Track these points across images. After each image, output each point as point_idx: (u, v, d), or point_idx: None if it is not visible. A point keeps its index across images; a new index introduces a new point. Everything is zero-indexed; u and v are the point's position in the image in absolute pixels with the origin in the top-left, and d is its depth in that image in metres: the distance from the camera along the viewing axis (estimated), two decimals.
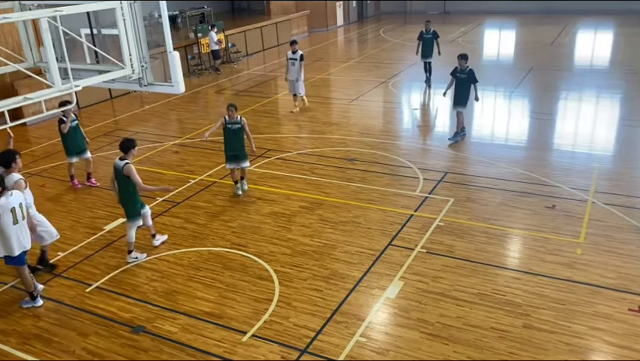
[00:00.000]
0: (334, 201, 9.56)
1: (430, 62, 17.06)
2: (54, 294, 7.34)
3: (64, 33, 5.45)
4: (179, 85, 5.96)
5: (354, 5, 33.99)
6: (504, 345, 6.00)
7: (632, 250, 7.66)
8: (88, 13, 6.24)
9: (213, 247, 8.33)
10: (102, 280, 7.60)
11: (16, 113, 9.78)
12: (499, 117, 14.57)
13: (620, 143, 12.10)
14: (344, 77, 19.47)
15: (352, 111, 15.24)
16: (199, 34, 20.45)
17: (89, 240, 8.68)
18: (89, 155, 10.62)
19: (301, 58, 14.61)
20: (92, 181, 10.76)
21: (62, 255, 8.28)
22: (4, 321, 6.84)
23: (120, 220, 9.19)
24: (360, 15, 34.98)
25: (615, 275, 7.11)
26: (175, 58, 5.81)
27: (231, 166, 9.77)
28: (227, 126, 9.46)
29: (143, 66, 6.11)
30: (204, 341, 6.29)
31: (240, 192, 9.92)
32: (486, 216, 8.78)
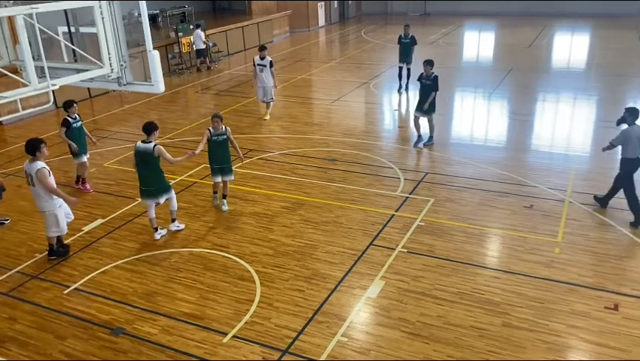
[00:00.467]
0: (316, 202, 9.56)
1: (409, 68, 16.36)
2: (31, 296, 7.21)
3: (41, 31, 5.36)
4: (159, 84, 5.89)
5: (335, 6, 34.07)
6: (483, 344, 6.06)
7: (608, 249, 7.81)
8: (66, 10, 6.15)
9: (194, 248, 8.27)
10: (81, 281, 7.49)
11: None
12: (478, 118, 14.73)
13: (597, 144, 12.29)
14: (326, 78, 19.50)
15: (333, 112, 15.26)
16: (179, 33, 20.29)
17: (67, 241, 8.53)
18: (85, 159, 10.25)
19: (271, 64, 13.86)
20: (86, 186, 10.35)
21: (39, 256, 8.14)
22: None
23: (99, 221, 9.09)
24: (341, 16, 35.07)
25: (592, 274, 7.24)
26: (155, 57, 5.75)
27: (217, 180, 9.26)
28: (213, 138, 8.97)
29: (122, 65, 6.03)
30: (184, 343, 6.24)
31: (225, 208, 9.39)
32: (466, 216, 8.87)
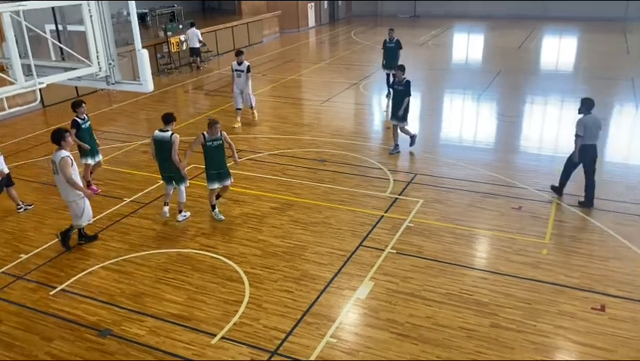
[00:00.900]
0: (305, 202, 9.55)
1: (394, 73, 15.53)
2: (16, 297, 7.12)
3: (28, 29, 5.30)
4: (148, 83, 5.84)
5: (325, 7, 34.08)
6: (471, 344, 6.08)
7: (594, 251, 7.88)
8: (53, 8, 6.08)
9: (182, 249, 8.22)
10: (67, 282, 7.41)
11: None
12: (467, 120, 14.81)
13: None
14: (315, 79, 19.50)
15: (323, 112, 15.27)
16: (168, 32, 20.20)
17: (53, 241, 8.45)
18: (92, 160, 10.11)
19: (248, 69, 13.40)
20: (92, 188, 10.18)
21: (24, 257, 8.05)
22: None
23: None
24: (331, 17, 35.09)
25: (579, 275, 7.30)
26: (144, 56, 5.70)
27: (214, 186, 8.84)
28: (208, 144, 8.56)
29: (110, 64, 5.97)
30: (172, 344, 6.20)
31: (222, 218, 9.03)
32: (455, 217, 8.90)
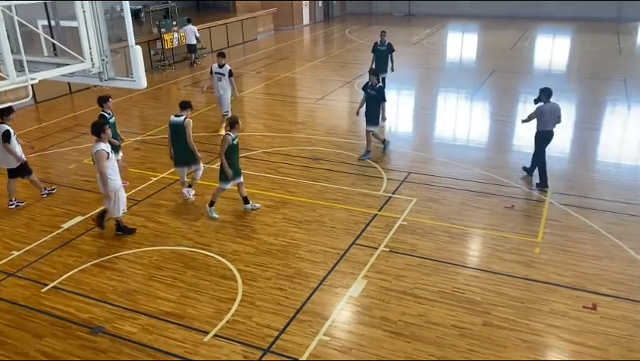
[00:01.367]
0: (299, 201, 9.54)
1: (384, 78, 14.60)
2: (8, 294, 7.07)
3: (20, 24, 5.25)
4: (141, 80, 5.81)
5: (320, 5, 34.05)
6: (464, 343, 6.10)
7: (586, 250, 7.92)
8: (46, 3, 6.03)
9: (175, 246, 8.20)
10: (59, 279, 7.37)
11: None
12: (461, 119, 14.84)
13: (576, 146, 12.50)
14: (310, 76, 19.48)
15: (317, 110, 15.25)
16: (162, 29, 20.12)
17: (45, 238, 8.40)
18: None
19: (230, 73, 12.52)
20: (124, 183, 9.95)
21: (16, 254, 7.99)
22: None
23: (79, 218, 8.97)
24: (326, 15, 35.06)
25: (571, 274, 7.34)
26: (137, 52, 5.66)
27: (228, 186, 8.93)
28: (233, 143, 8.67)
29: (103, 60, 5.93)
30: (165, 342, 6.18)
31: (256, 206, 9.23)
32: (448, 216, 8.93)
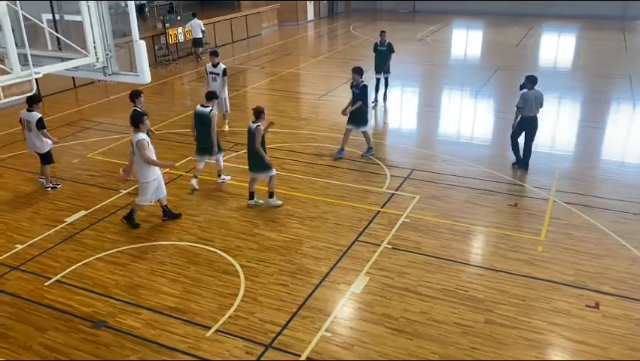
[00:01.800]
0: (302, 197, 9.54)
1: (387, 77, 15.01)
2: (11, 288, 7.10)
3: (24, 18, 5.26)
4: (145, 75, 5.81)
5: (324, 1, 33.97)
6: (466, 340, 6.10)
7: (589, 248, 7.90)
8: None
9: (178, 242, 8.21)
10: (62, 273, 7.39)
11: None
12: (465, 116, 14.81)
13: (580, 144, 12.46)
14: (313, 72, 19.45)
15: (321, 107, 15.23)
16: (166, 24, 20.12)
17: (48, 232, 8.43)
18: None
19: (224, 73, 12.34)
20: None
21: (20, 247, 8.02)
22: None
23: (82, 213, 8.99)
24: (330, 11, 34.99)
25: (574, 272, 7.32)
26: (141, 47, 5.67)
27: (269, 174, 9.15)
28: (264, 134, 8.93)
29: (108, 54, 5.93)
30: (168, 337, 6.19)
31: (278, 202, 9.20)
32: (451, 214, 8.91)
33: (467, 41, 27.78)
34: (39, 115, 9.53)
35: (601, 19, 30.54)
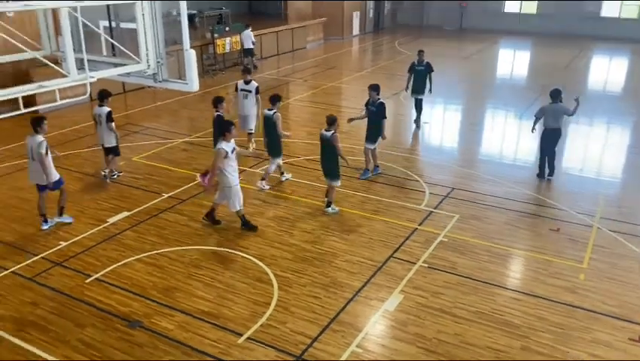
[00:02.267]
0: (339, 210, 9.53)
1: (421, 100, 14.21)
2: (54, 283, 7.35)
3: (83, 24, 5.49)
4: (193, 83, 5.98)
5: (371, 15, 34.09)
6: None
7: (635, 279, 7.60)
8: (108, 6, 6.29)
9: (215, 247, 8.33)
10: (102, 271, 7.61)
11: (30, 101, 9.84)
12: (508, 137, 14.54)
13: (628, 170, 12.04)
14: (356, 87, 19.47)
15: (362, 121, 15.15)
16: (215, 34, 20.58)
17: (92, 231, 8.70)
18: None
19: (257, 90, 11.84)
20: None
21: (64, 244, 8.30)
22: (2, 307, 6.86)
23: (125, 214, 9.24)
24: (376, 25, 35.07)
25: (617, 303, 7.05)
26: (191, 56, 5.84)
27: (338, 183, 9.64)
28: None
29: (159, 62, 6.14)
30: (200, 341, 6.27)
31: (336, 209, 9.47)
32: (490, 235, 8.74)
33: (513, 61, 27.32)
34: (109, 109, 10.19)
35: None
